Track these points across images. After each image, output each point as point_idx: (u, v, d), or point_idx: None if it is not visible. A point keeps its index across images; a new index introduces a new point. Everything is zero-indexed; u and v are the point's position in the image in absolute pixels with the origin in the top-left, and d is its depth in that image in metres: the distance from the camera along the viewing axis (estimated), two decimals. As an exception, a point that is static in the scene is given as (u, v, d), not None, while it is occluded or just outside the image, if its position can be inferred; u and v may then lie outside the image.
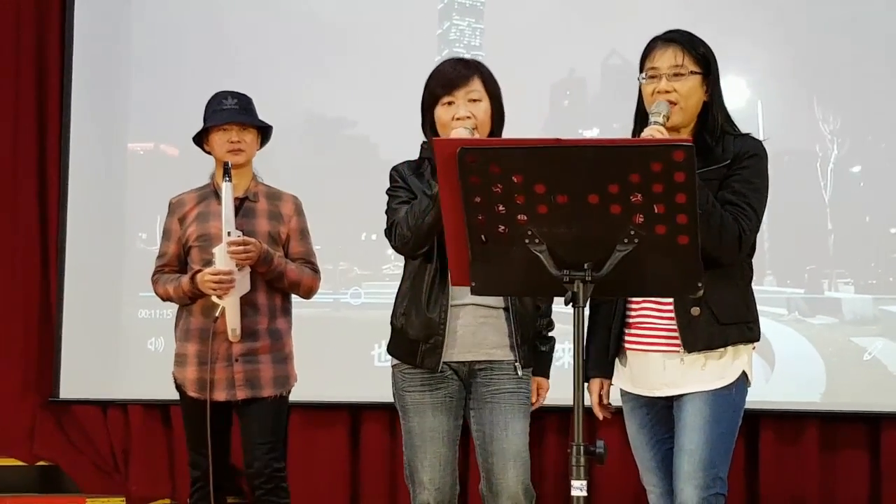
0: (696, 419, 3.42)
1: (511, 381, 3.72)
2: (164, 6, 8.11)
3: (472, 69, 3.82)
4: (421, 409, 3.75)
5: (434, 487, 3.72)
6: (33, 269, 8.23)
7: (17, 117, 8.27)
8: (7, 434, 8.06)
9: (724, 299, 3.38)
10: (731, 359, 3.43)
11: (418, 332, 3.73)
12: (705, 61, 3.52)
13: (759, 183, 3.46)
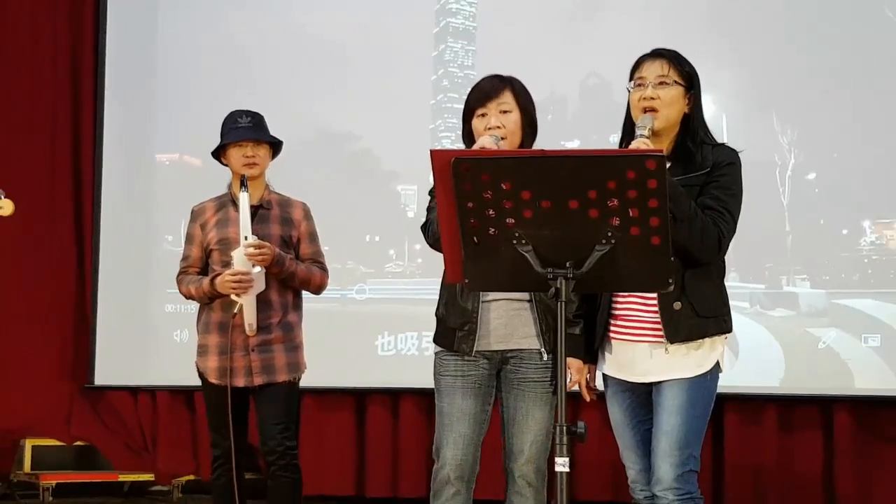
0: (673, 403, 3.41)
1: (537, 370, 3.69)
2: (187, 32, 8.10)
3: (506, 83, 3.79)
4: (452, 392, 3.73)
5: (455, 463, 3.69)
6: (70, 268, 8.26)
7: (55, 131, 8.27)
8: (47, 417, 8.08)
9: (703, 294, 3.37)
10: (708, 349, 3.42)
11: (455, 320, 3.72)
12: (689, 77, 3.51)
13: (735, 189, 3.45)
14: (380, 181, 7.68)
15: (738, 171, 3.49)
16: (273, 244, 4.57)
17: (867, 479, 6.98)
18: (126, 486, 7.95)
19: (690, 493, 3.41)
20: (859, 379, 6.91)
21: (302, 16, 7.91)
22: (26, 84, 8.31)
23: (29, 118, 8.27)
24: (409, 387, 7.42)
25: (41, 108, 8.29)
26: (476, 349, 3.71)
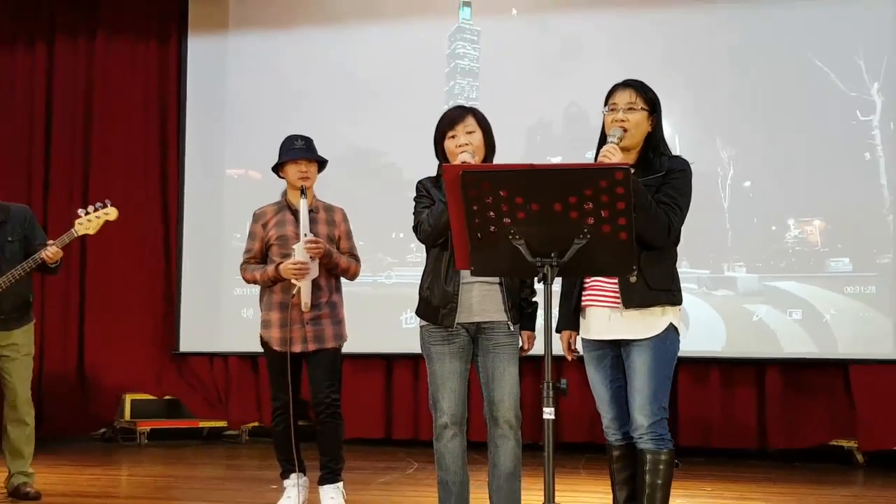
0: (642, 365, 3.40)
1: (506, 336, 3.70)
2: (250, 73, 8.07)
3: (468, 111, 3.82)
4: (441, 357, 3.75)
5: (451, 412, 3.71)
6: (159, 261, 8.29)
7: (147, 153, 8.29)
8: (143, 377, 8.13)
9: (654, 272, 3.35)
10: (658, 316, 3.40)
11: (439, 300, 3.73)
12: (652, 102, 3.50)
13: (685, 190, 3.44)
14: (402, 189, 7.63)
15: (688, 176, 3.48)
16: (323, 242, 4.60)
17: (791, 424, 6.97)
18: (204, 431, 7.98)
19: (661, 436, 3.41)
20: (785, 345, 6.95)
21: (340, 59, 7.89)
22: (126, 119, 8.32)
23: (128, 145, 8.30)
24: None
25: (137, 137, 8.30)
26: (457, 321, 3.72)
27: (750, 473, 6.27)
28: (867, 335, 6.81)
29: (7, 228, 5.16)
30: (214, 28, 8.23)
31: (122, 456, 7.09)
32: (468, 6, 7.71)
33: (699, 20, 7.27)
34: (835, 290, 6.89)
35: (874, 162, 6.89)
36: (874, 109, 6.91)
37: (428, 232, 3.72)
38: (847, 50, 6.95)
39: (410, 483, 5.78)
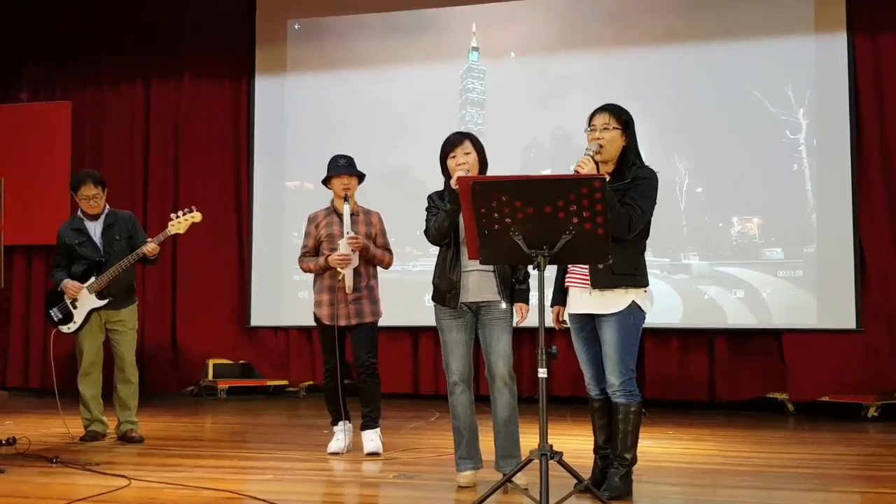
0: (610, 337, 3.42)
1: (500, 312, 3.75)
2: (304, 106, 8.07)
3: (465, 135, 3.86)
4: (450, 329, 3.79)
5: (459, 372, 3.77)
6: (234, 255, 8.28)
7: (223, 168, 8.32)
8: (222, 346, 8.15)
9: (619, 259, 3.34)
10: (622, 295, 3.40)
11: (446, 286, 3.78)
12: (625, 123, 3.50)
13: (647, 194, 3.44)
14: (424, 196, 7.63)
15: (651, 183, 3.50)
16: (362, 238, 4.61)
17: (735, 380, 6.96)
18: (271, 388, 7.98)
19: (631, 391, 3.44)
20: (730, 317, 6.95)
21: (374, 94, 7.88)
22: (207, 142, 8.34)
23: (209, 163, 8.31)
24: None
25: (216, 156, 8.32)
26: (460, 302, 3.76)
27: (702, 420, 6.27)
28: (795, 309, 6.82)
29: (116, 229, 5.21)
30: (275, 71, 8.23)
31: (206, 408, 7.14)
32: (476, 51, 7.70)
33: (661, 60, 7.25)
34: (770, 273, 6.90)
35: (801, 172, 6.90)
36: (801, 129, 6.92)
37: (434, 235, 3.80)
38: (778, 82, 6.97)
39: (433, 429, 5.80)
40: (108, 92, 8.56)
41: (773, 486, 3.74)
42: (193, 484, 3.78)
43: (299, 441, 5.17)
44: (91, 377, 5.21)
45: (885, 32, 6.82)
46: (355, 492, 3.78)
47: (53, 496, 3.51)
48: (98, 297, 5.10)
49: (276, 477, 4.02)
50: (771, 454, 4.71)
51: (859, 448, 4.98)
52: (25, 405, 7.27)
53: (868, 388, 6.53)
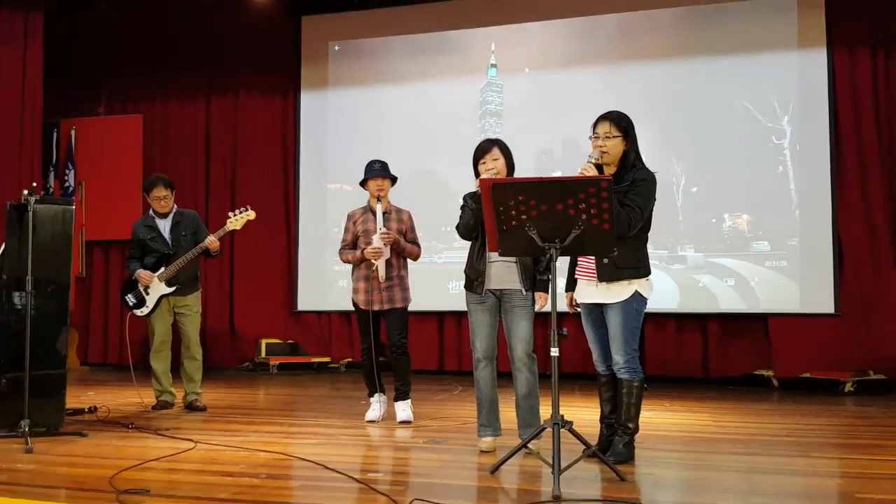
0: (615, 322, 3.39)
1: (520, 299, 3.71)
2: (343, 116, 8.10)
3: (494, 142, 3.82)
4: (476, 312, 3.78)
5: (483, 349, 3.76)
6: (283, 247, 8.32)
7: (274, 172, 8.37)
8: (273, 327, 8.20)
9: (621, 254, 3.31)
10: (624, 287, 3.38)
11: (474, 275, 3.77)
12: (625, 129, 3.46)
13: (645, 195, 3.39)
14: (448, 197, 7.63)
15: (649, 184, 3.45)
16: (394, 233, 4.61)
17: (726, 358, 6.94)
18: (315, 364, 8.00)
19: (634, 369, 3.42)
20: (722, 303, 6.90)
21: (405, 105, 7.88)
22: (260, 150, 8.40)
23: (261, 168, 8.36)
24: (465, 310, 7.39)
25: (268, 162, 8.37)
26: (486, 289, 3.75)
27: (696, 394, 6.22)
28: (780, 296, 6.77)
29: (182, 226, 5.26)
30: (318, 87, 8.25)
31: (259, 381, 7.19)
32: (494, 67, 7.68)
33: (659, 73, 7.20)
34: (757, 264, 6.84)
35: (785, 173, 6.84)
36: (785, 136, 6.87)
37: (462, 231, 3.80)
38: (765, 92, 6.91)
39: (456, 400, 5.80)
40: (174, 106, 8.63)
41: (759, 452, 3.72)
42: (250, 446, 3.82)
43: (340, 410, 5.19)
44: (161, 354, 5.26)
45: (861, 47, 6.76)
46: (390, 455, 3.80)
47: (129, 457, 3.54)
48: (167, 285, 5.16)
49: (320, 441, 4.04)
50: (758, 424, 4.68)
51: (837, 419, 4.93)
52: (104, 378, 7.35)
53: (845, 366, 6.50)
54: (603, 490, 2.94)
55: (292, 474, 3.27)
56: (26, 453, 3.62)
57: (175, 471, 3.28)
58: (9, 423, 4.06)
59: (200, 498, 2.81)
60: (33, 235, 4.06)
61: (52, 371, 4.24)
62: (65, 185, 8.50)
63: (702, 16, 7.14)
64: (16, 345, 4.07)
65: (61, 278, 4.32)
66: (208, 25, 8.49)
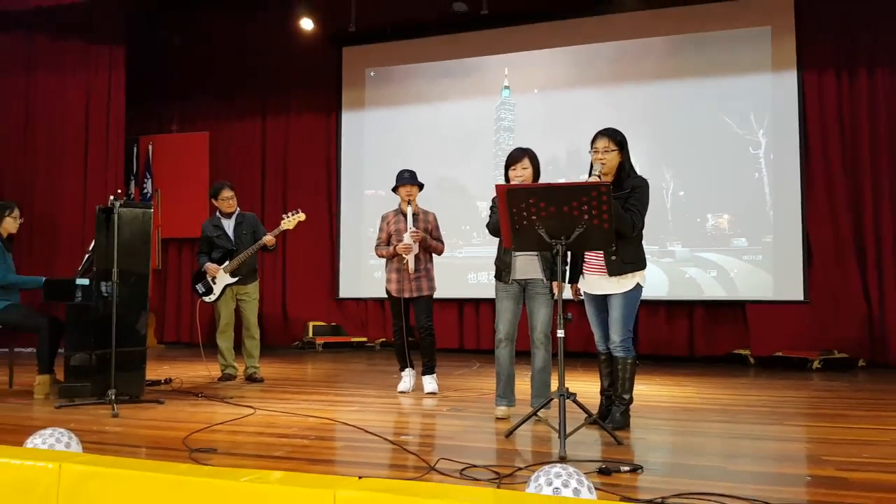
0: (617, 308, 3.36)
1: (542, 288, 3.67)
2: (378, 132, 8.13)
3: (525, 152, 3.76)
4: (501, 299, 3.74)
5: (504, 331, 3.72)
6: (326, 243, 8.33)
7: (318, 181, 8.40)
8: (319, 312, 8.22)
9: (626, 252, 3.30)
10: (629, 279, 3.36)
11: (502, 266, 3.74)
12: (620, 143, 3.42)
13: (643, 200, 3.36)
14: (468, 201, 7.66)
15: (645, 189, 3.42)
16: (421, 231, 4.60)
17: (709, 339, 6.88)
18: (354, 343, 8.02)
19: (628, 347, 3.40)
20: (706, 291, 6.82)
21: (430, 122, 7.86)
22: (307, 161, 8.44)
23: (309, 176, 8.40)
24: (482, 297, 7.42)
25: (314, 171, 8.40)
26: (511, 279, 3.72)
27: (684, 370, 6.17)
28: (756, 285, 6.69)
29: (244, 226, 5.30)
30: (356, 107, 8.27)
31: (307, 357, 7.24)
32: (508, 88, 7.65)
33: (651, 92, 7.13)
34: (736, 257, 6.76)
35: (761, 179, 6.76)
36: (761, 146, 6.79)
37: (490, 229, 3.75)
38: (743, 110, 6.83)
39: (475, 375, 5.80)
40: (235, 124, 8.70)
41: (739, 421, 3.68)
42: (300, 412, 3.84)
43: (376, 382, 5.20)
44: (226, 334, 5.30)
45: (827, 68, 6.67)
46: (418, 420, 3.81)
47: (199, 421, 3.58)
48: (231, 276, 5.20)
49: (359, 408, 4.05)
50: (737, 396, 4.63)
51: (806, 392, 4.87)
52: (177, 355, 7.43)
53: (813, 346, 6.42)
54: (602, 452, 2.93)
55: (336, 436, 3.28)
56: (113, 418, 3.67)
57: (238, 433, 3.31)
58: (98, 393, 4.14)
59: (260, 456, 2.83)
60: (118, 234, 4.11)
61: (134, 348, 4.30)
62: (144, 191, 8.62)
63: (689, 43, 7.06)
64: (104, 327, 4.13)
65: (142, 270, 4.36)
66: (264, 56, 8.55)
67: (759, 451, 2.98)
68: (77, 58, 7.86)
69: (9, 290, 4.49)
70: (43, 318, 4.51)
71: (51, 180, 7.76)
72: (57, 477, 1.92)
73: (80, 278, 4.35)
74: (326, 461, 2.80)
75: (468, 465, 2.60)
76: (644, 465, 2.63)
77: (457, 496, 1.60)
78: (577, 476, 1.93)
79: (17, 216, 4.65)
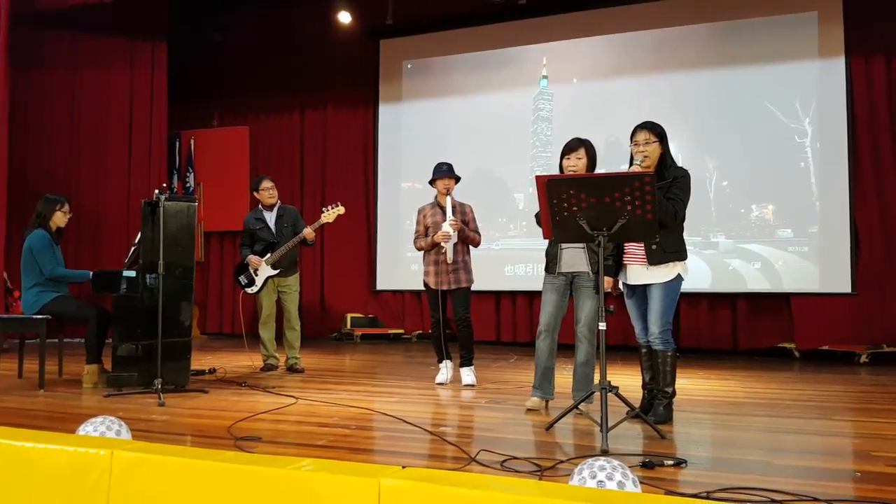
0: (657, 299, 3.32)
1: (588, 281, 3.64)
2: (415, 125, 8.14)
3: (582, 142, 3.71)
4: (547, 290, 3.71)
5: (545, 323, 3.68)
6: (364, 237, 8.39)
7: (356, 174, 8.46)
8: (357, 304, 8.30)
9: (667, 241, 3.25)
10: (670, 269, 3.31)
11: (549, 258, 3.71)
12: (660, 135, 3.38)
13: (686, 189, 3.32)
14: (504, 192, 7.62)
15: (687, 180, 3.37)
16: (459, 222, 4.59)
17: (753, 332, 6.77)
18: (391, 335, 8.08)
19: (668, 340, 3.35)
20: (749, 284, 6.71)
21: (468, 115, 7.85)
22: (344, 155, 8.49)
23: (347, 170, 8.45)
24: (519, 290, 7.40)
25: (351, 165, 8.46)
26: (558, 272, 3.68)
27: (727, 364, 6.07)
28: (801, 277, 6.54)
29: (285, 219, 5.35)
30: (393, 100, 8.30)
31: (346, 348, 7.30)
32: (546, 78, 7.59)
33: (692, 81, 7.01)
34: (781, 249, 6.62)
35: (807, 168, 6.59)
36: (807, 135, 6.62)
37: (538, 220, 3.69)
38: (788, 97, 6.67)
39: (512, 367, 5.78)
40: (274, 119, 8.81)
41: (783, 415, 3.60)
42: (341, 402, 3.87)
43: (413, 374, 5.21)
44: (268, 325, 5.35)
45: (876, 55, 6.47)
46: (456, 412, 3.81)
47: (243, 410, 3.62)
48: (272, 268, 5.26)
49: (398, 399, 4.06)
50: (781, 390, 4.53)
51: (853, 387, 4.74)
52: (220, 345, 7.55)
53: (860, 340, 6.27)
54: (644, 446, 2.89)
55: (376, 426, 3.30)
56: (159, 406, 3.72)
57: (281, 421, 3.34)
58: (145, 382, 4.22)
59: (303, 444, 2.86)
60: (164, 227, 4.16)
61: (179, 339, 4.36)
62: (186, 185, 8.79)
63: (732, 30, 6.90)
64: (149, 318, 4.21)
65: (186, 262, 4.41)
66: (302, 50, 8.63)
67: (804, 446, 2.92)
68: (121, 54, 8.02)
69: (58, 282, 4.61)
70: (91, 309, 4.60)
71: (95, 174, 7.94)
72: (109, 463, 1.97)
73: (126, 270, 4.43)
74: (367, 450, 2.81)
75: (509, 457, 2.59)
76: (687, 459, 2.58)
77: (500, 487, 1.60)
78: (621, 469, 1.91)
79: (66, 210, 4.76)
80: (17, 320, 4.48)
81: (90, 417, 2.53)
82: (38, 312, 4.48)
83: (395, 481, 1.64)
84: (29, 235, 4.60)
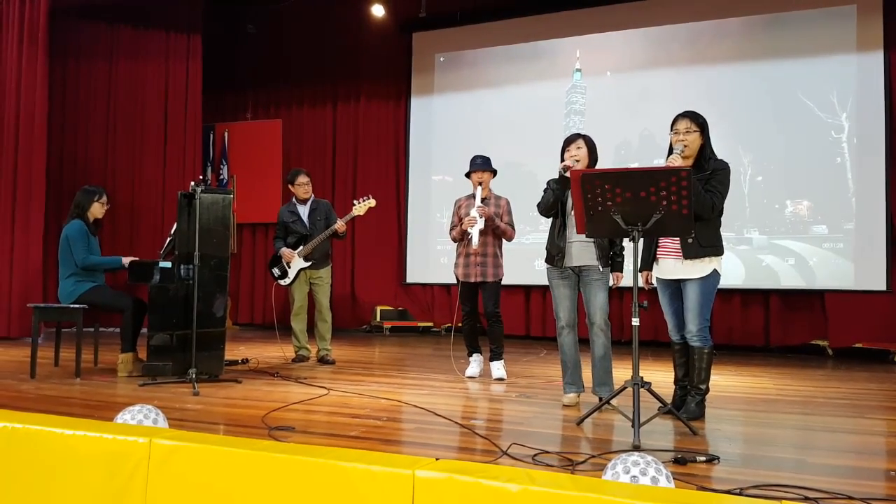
0: (693, 295, 3.27)
1: (597, 274, 3.62)
2: (447, 118, 8.13)
3: (579, 135, 3.74)
4: (557, 286, 3.70)
5: (565, 319, 3.68)
6: (394, 231, 8.43)
7: (388, 168, 8.48)
8: (386, 296, 8.34)
9: (703, 235, 3.20)
10: (707, 263, 3.25)
11: (555, 251, 3.68)
12: (701, 125, 3.33)
13: (724, 182, 3.26)
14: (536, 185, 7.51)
15: (727, 173, 3.31)
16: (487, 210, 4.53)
17: (786, 329, 6.67)
18: (420, 328, 8.11)
19: (705, 337, 3.30)
20: (783, 280, 6.61)
21: (501, 107, 7.84)
22: (376, 148, 8.53)
23: (378, 163, 8.48)
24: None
25: (383, 158, 8.49)
26: (565, 265, 3.67)
27: (759, 361, 5.97)
28: (836, 274, 6.42)
29: (318, 212, 5.37)
30: (426, 93, 8.30)
31: (375, 341, 7.32)
32: (579, 71, 7.52)
33: (727, 74, 6.90)
34: (816, 245, 6.50)
35: (843, 164, 6.46)
36: (843, 130, 6.48)
37: (540, 209, 3.71)
38: (825, 91, 6.54)
39: (541, 361, 5.76)
40: (307, 112, 8.87)
41: (816, 413, 3.53)
42: (372, 394, 3.88)
43: (444, 367, 5.21)
44: (299, 317, 5.39)
45: (920, 48, 6.28)
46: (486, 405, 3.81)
47: (276, 400, 3.65)
48: (305, 260, 5.29)
49: (428, 392, 4.06)
50: (814, 388, 4.44)
51: (887, 385, 4.63)
52: (252, 336, 7.63)
53: (894, 338, 6.11)
54: (676, 442, 2.86)
55: (407, 418, 3.30)
56: (194, 396, 3.75)
57: (313, 412, 3.36)
58: (179, 372, 4.26)
59: (335, 435, 2.88)
60: (199, 219, 4.17)
61: (213, 329, 4.37)
62: (220, 177, 8.90)
63: (767, 24, 6.77)
64: (184, 308, 4.24)
65: (221, 253, 4.42)
66: (335, 43, 8.66)
67: (837, 444, 2.86)
68: (157, 47, 8.10)
69: (93, 271, 4.63)
70: (128, 298, 4.62)
71: (131, 166, 8.02)
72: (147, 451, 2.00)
73: (162, 261, 4.47)
74: (399, 442, 2.82)
75: (540, 451, 2.58)
76: (720, 456, 2.55)
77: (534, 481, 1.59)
78: (654, 465, 1.89)
79: (104, 202, 4.81)
80: (55, 309, 4.49)
81: (126, 406, 2.56)
82: (76, 302, 4.51)
83: (430, 472, 1.65)
84: (66, 226, 4.65)
